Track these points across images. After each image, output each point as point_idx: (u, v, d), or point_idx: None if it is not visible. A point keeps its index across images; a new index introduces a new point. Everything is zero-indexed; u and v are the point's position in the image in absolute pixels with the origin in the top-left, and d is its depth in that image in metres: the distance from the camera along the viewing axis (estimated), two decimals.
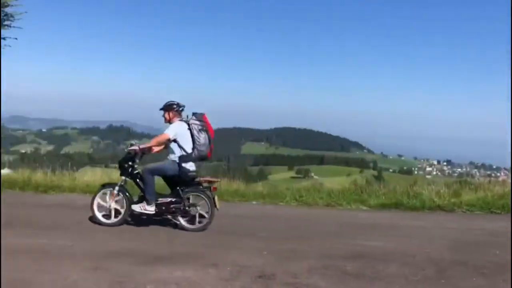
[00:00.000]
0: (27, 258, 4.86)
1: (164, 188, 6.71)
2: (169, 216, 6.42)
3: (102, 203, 6.48)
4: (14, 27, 12.59)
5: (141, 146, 6.49)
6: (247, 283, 4.32)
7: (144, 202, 6.31)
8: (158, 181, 6.57)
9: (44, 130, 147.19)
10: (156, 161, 6.82)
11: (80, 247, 5.38)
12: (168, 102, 6.49)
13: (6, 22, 12.38)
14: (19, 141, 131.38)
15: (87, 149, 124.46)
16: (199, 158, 6.42)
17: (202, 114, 6.48)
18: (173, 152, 6.34)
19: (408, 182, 10.71)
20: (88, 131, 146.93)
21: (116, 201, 6.41)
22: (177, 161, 6.27)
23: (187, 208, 6.31)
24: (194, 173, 6.41)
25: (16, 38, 13.09)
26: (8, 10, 12.17)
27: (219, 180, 7.20)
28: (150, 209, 6.28)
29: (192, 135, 6.31)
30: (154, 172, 6.33)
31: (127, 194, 6.44)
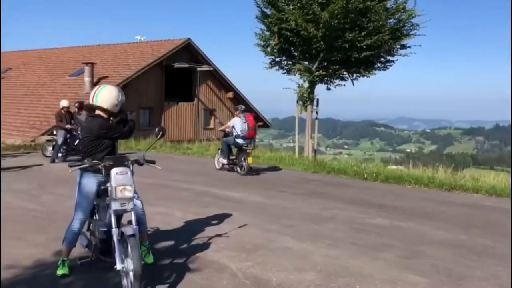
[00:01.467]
0: (452, 252, 5.20)
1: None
2: (233, 167, 11.24)
3: (218, 157, 11.78)
4: (418, 35, 13.69)
5: (220, 129, 11.94)
6: None
7: (222, 156, 11.42)
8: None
9: (428, 130, 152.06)
10: None
11: (502, 249, 5.31)
12: (236, 106, 11.95)
13: (412, 32, 13.57)
14: (404, 140, 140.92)
15: (470, 150, 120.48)
16: (243, 137, 10.96)
17: (247, 114, 11.28)
18: (233, 133, 11.03)
19: None
20: (472, 131, 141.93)
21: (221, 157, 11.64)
22: (233, 137, 11.01)
23: (239, 162, 11.06)
24: (241, 144, 10.99)
25: (420, 45, 14.22)
26: (413, 20, 13.30)
27: (252, 148, 11.67)
28: (224, 161, 11.31)
29: (240, 125, 11.00)
30: (225, 142, 11.23)
31: (222, 153, 11.54)
